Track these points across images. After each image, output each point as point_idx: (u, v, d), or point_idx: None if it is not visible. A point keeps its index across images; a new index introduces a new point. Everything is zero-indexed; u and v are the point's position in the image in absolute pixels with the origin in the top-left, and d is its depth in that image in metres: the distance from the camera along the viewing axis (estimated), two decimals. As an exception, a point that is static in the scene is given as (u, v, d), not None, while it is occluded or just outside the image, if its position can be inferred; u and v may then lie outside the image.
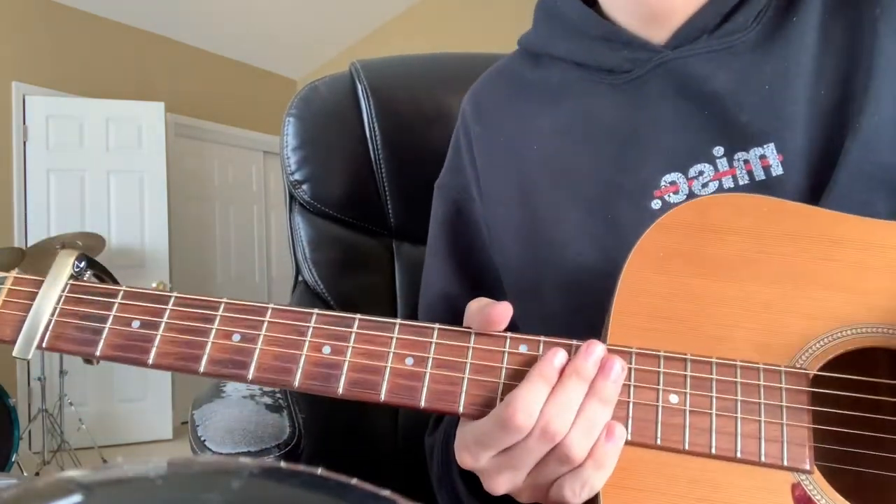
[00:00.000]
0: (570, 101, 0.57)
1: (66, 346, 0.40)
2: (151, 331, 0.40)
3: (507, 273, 0.59)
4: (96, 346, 0.40)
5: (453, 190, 0.64)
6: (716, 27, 0.51)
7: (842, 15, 0.49)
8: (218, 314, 0.40)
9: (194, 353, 0.39)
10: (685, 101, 0.51)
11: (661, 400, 0.36)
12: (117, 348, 0.40)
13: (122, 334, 0.40)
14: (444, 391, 0.37)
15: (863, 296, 0.37)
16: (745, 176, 0.48)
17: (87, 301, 0.41)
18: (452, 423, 0.50)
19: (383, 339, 0.39)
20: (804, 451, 0.34)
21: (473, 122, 0.63)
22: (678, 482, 0.35)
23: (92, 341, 0.40)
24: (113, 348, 0.40)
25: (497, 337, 0.38)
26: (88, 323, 0.41)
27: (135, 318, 0.41)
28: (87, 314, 0.41)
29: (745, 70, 0.50)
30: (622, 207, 0.51)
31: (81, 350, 0.40)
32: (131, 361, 0.40)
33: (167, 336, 0.40)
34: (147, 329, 0.40)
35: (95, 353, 0.40)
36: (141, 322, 0.41)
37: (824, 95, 0.48)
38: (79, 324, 0.41)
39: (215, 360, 0.39)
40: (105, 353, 0.40)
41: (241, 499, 0.18)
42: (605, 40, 0.55)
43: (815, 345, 0.37)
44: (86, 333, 0.40)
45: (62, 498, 0.17)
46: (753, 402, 0.35)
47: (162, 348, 0.40)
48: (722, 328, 0.37)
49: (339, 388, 0.38)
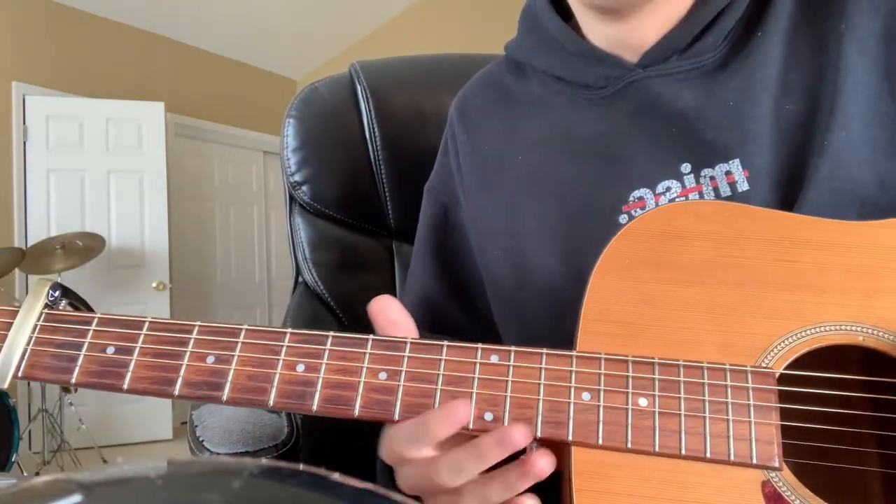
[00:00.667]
0: (551, 113, 0.58)
1: (41, 375, 0.41)
2: (126, 356, 0.41)
3: (489, 279, 0.60)
4: (72, 374, 0.41)
5: (441, 193, 0.65)
6: (686, 47, 0.51)
7: (807, 30, 0.49)
8: (192, 337, 0.41)
9: (169, 377, 0.40)
10: (653, 119, 0.52)
11: (630, 403, 0.36)
12: (93, 375, 0.41)
13: (97, 360, 0.41)
14: (417, 403, 0.38)
15: (826, 295, 0.38)
16: (711, 192, 0.49)
17: (63, 329, 0.42)
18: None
19: (356, 354, 0.39)
20: (772, 449, 0.35)
21: (459, 131, 0.64)
22: (650, 484, 0.35)
23: (67, 369, 0.41)
24: (88, 375, 0.41)
25: (468, 348, 0.39)
26: (64, 351, 0.41)
27: (109, 344, 0.41)
28: (62, 342, 0.41)
29: (711, 88, 0.50)
30: (594, 221, 0.52)
31: (57, 378, 0.41)
32: (106, 387, 0.40)
33: (142, 361, 0.40)
34: (121, 354, 0.41)
35: (71, 380, 0.40)
36: (116, 348, 0.41)
37: (790, 110, 0.48)
38: (54, 352, 0.41)
39: (190, 382, 0.40)
40: (80, 380, 0.41)
41: (241, 499, 0.18)
42: (582, 56, 0.55)
43: (780, 344, 0.37)
44: (61, 361, 0.41)
45: (62, 498, 0.17)
46: (721, 402, 0.36)
47: (137, 373, 0.40)
48: (688, 332, 0.38)
49: (313, 405, 0.38)
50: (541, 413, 0.37)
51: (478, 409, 0.37)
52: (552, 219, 0.54)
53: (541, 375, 0.38)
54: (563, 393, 0.37)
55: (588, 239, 0.51)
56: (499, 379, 0.38)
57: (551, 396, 0.37)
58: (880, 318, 0.37)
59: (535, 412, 0.37)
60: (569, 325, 0.41)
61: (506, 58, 0.65)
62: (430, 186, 0.68)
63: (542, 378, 0.38)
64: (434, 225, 0.65)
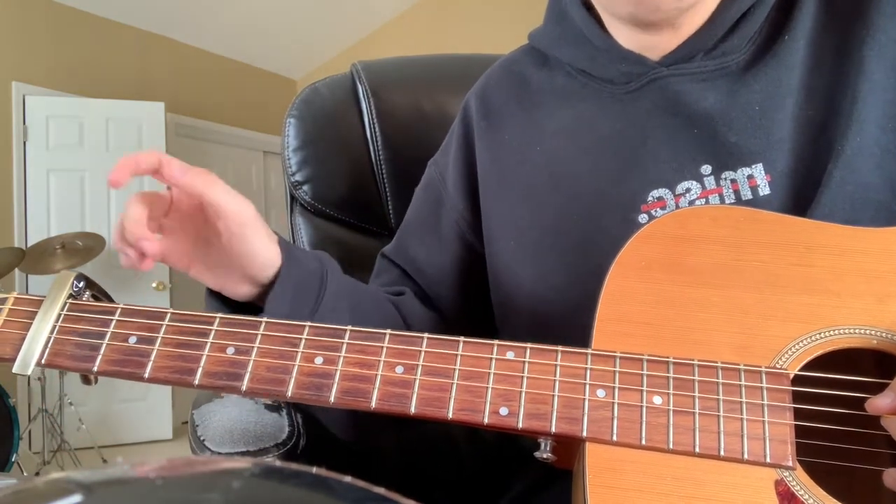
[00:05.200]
0: (574, 105, 0.57)
1: (64, 363, 0.42)
2: (148, 346, 0.42)
3: (498, 269, 0.59)
4: (94, 362, 0.41)
5: (436, 172, 0.67)
6: (712, 48, 0.51)
7: (831, 35, 0.49)
8: (213, 328, 0.42)
9: (189, 367, 0.41)
10: (675, 119, 0.51)
11: (644, 401, 0.37)
12: (114, 363, 0.41)
13: (119, 350, 0.42)
14: (433, 397, 0.38)
15: (840, 298, 0.38)
16: (732, 195, 0.49)
17: (86, 319, 0.43)
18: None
19: (374, 348, 0.40)
20: (786, 448, 0.35)
21: (480, 118, 0.63)
22: (664, 481, 0.35)
23: (90, 357, 0.42)
24: (110, 363, 0.41)
25: (485, 345, 0.40)
26: (86, 339, 0.42)
27: (131, 333, 0.42)
28: (85, 331, 0.42)
29: (735, 90, 0.50)
30: (611, 218, 0.52)
31: (79, 366, 0.42)
32: (128, 376, 0.41)
33: (163, 350, 0.41)
34: (143, 344, 0.42)
35: (93, 368, 0.41)
36: (138, 338, 0.42)
37: (812, 116, 0.48)
38: (77, 340, 0.42)
39: (210, 372, 0.40)
40: (102, 368, 0.41)
41: (241, 499, 0.18)
42: (606, 51, 0.55)
43: (795, 346, 0.38)
44: (84, 350, 0.42)
45: (62, 498, 0.17)
46: (735, 402, 0.36)
47: (158, 362, 0.41)
48: (702, 333, 0.39)
49: (330, 396, 0.39)
50: (556, 409, 0.37)
51: (493, 405, 0.38)
52: (569, 212, 0.54)
53: (556, 372, 0.38)
54: (578, 390, 0.37)
55: (605, 234, 0.51)
56: (514, 375, 0.38)
57: (566, 393, 0.37)
58: (894, 322, 0.37)
59: (550, 408, 0.37)
60: (584, 319, 0.41)
61: (529, 47, 0.64)
62: (432, 160, 0.69)
63: (558, 375, 0.38)
64: (424, 188, 0.69)
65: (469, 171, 0.63)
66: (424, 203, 0.68)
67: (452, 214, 0.64)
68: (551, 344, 0.39)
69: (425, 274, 0.65)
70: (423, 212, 0.67)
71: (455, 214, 0.64)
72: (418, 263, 0.65)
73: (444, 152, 0.68)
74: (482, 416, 0.37)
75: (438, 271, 0.64)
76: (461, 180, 0.64)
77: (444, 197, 0.65)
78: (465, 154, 0.64)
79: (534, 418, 0.37)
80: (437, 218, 0.65)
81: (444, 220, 0.65)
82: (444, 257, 0.64)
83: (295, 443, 0.66)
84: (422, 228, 0.66)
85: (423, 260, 0.65)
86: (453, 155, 0.65)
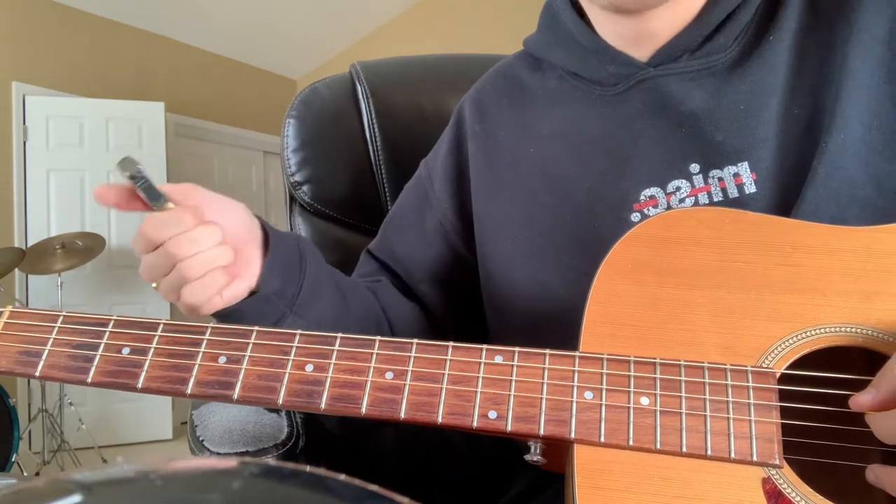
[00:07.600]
0: (565, 108, 0.58)
1: (58, 375, 0.42)
2: (141, 356, 0.42)
3: (490, 269, 0.60)
4: (87, 374, 0.42)
5: (425, 171, 0.68)
6: (697, 47, 0.52)
7: (816, 34, 0.50)
8: (205, 338, 0.42)
9: (182, 377, 0.41)
10: (663, 118, 0.52)
11: (632, 402, 0.37)
12: (108, 374, 0.42)
13: (112, 361, 0.42)
14: (423, 402, 0.39)
15: (826, 298, 0.39)
16: (720, 193, 0.49)
17: (80, 331, 0.44)
18: None
19: (364, 355, 0.40)
20: (773, 447, 0.35)
21: (474, 121, 0.64)
22: (651, 481, 0.36)
23: (83, 369, 0.42)
24: (103, 374, 0.42)
25: (473, 349, 0.40)
26: (80, 351, 0.43)
27: (125, 345, 0.43)
28: (79, 343, 0.43)
29: (721, 89, 0.50)
30: (605, 217, 0.52)
31: (73, 378, 0.42)
32: (121, 387, 0.42)
33: (156, 361, 0.42)
34: (136, 355, 0.42)
35: (87, 380, 0.42)
36: (131, 349, 0.43)
37: (797, 115, 0.49)
38: (71, 352, 0.43)
39: (202, 381, 0.41)
40: (96, 379, 0.42)
41: (241, 499, 0.18)
42: (596, 52, 0.56)
43: (781, 346, 0.38)
44: (78, 362, 0.42)
45: (62, 498, 0.17)
46: (721, 401, 0.37)
47: (150, 373, 0.42)
48: (689, 334, 0.39)
49: (321, 403, 0.39)
50: (544, 411, 0.38)
51: (482, 408, 0.38)
52: (562, 212, 0.55)
53: (544, 375, 0.38)
54: (566, 392, 0.38)
55: (598, 234, 0.51)
56: (503, 378, 0.39)
57: (554, 395, 0.38)
58: (879, 320, 0.38)
59: (539, 410, 0.38)
60: (578, 319, 0.41)
61: (524, 52, 0.65)
62: (425, 159, 0.70)
63: (546, 378, 0.38)
64: (412, 186, 0.69)
65: (457, 174, 0.64)
66: (410, 200, 0.69)
67: (437, 214, 0.65)
68: (544, 344, 0.40)
69: (405, 267, 0.66)
70: (408, 208, 0.68)
71: (440, 214, 0.65)
72: (398, 257, 0.66)
73: (435, 153, 0.69)
74: (471, 419, 0.38)
75: (418, 267, 0.65)
76: (448, 183, 0.64)
77: (431, 196, 0.66)
78: (455, 157, 0.65)
79: (522, 421, 0.38)
80: (421, 215, 0.66)
81: (429, 219, 0.65)
82: (425, 254, 0.65)
83: (294, 443, 0.66)
84: (405, 224, 0.67)
85: (404, 254, 0.66)
86: (442, 157, 0.66)
